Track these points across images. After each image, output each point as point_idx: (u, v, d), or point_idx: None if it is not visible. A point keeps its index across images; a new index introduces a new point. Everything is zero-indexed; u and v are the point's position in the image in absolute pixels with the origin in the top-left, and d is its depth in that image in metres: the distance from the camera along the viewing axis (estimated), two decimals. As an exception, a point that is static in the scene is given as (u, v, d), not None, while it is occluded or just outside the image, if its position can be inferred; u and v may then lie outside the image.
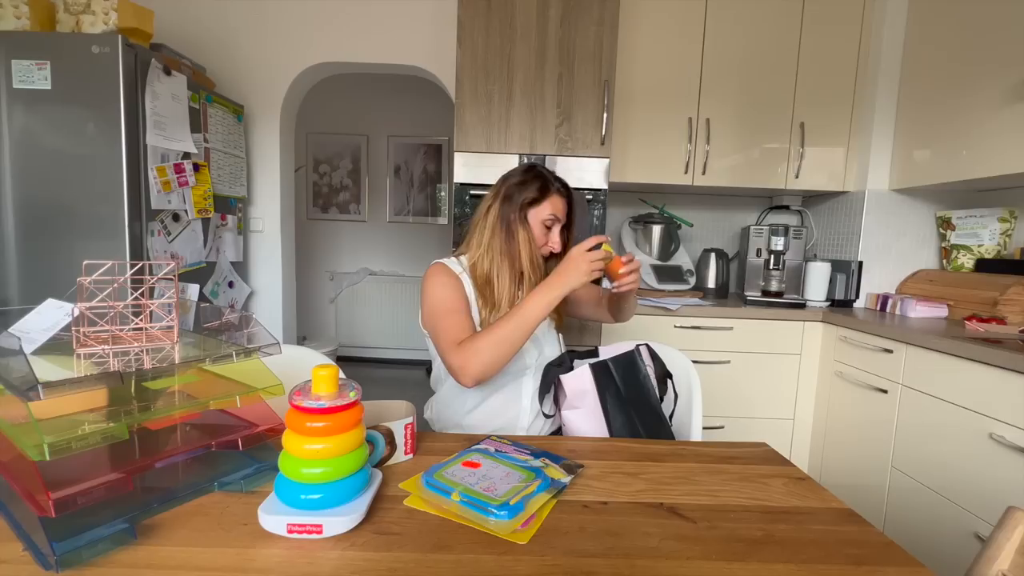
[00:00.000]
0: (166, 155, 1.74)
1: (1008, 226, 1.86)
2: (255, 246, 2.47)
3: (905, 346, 1.57)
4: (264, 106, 2.40)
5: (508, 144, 1.89)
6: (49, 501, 0.51)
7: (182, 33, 2.26)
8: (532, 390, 1.10)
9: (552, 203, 1.11)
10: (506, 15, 1.84)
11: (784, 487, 0.74)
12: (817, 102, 2.12)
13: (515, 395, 1.10)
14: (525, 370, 1.12)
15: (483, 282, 1.10)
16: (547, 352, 1.14)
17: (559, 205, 1.12)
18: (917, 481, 1.51)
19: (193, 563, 0.53)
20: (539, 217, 1.10)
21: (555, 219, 1.11)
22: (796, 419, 2.01)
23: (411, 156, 4.08)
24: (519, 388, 1.10)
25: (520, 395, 1.10)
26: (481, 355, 0.95)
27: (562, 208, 1.13)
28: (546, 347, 1.15)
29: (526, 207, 1.10)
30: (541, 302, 0.96)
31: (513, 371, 1.10)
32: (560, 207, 1.12)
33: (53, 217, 1.59)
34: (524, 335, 0.97)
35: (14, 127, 1.55)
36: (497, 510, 0.59)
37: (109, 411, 0.60)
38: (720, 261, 2.31)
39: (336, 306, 4.14)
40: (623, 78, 2.06)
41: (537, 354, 1.13)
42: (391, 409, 0.85)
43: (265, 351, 0.73)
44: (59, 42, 1.55)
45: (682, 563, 0.56)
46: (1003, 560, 0.59)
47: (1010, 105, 1.58)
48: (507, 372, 1.08)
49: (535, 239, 1.10)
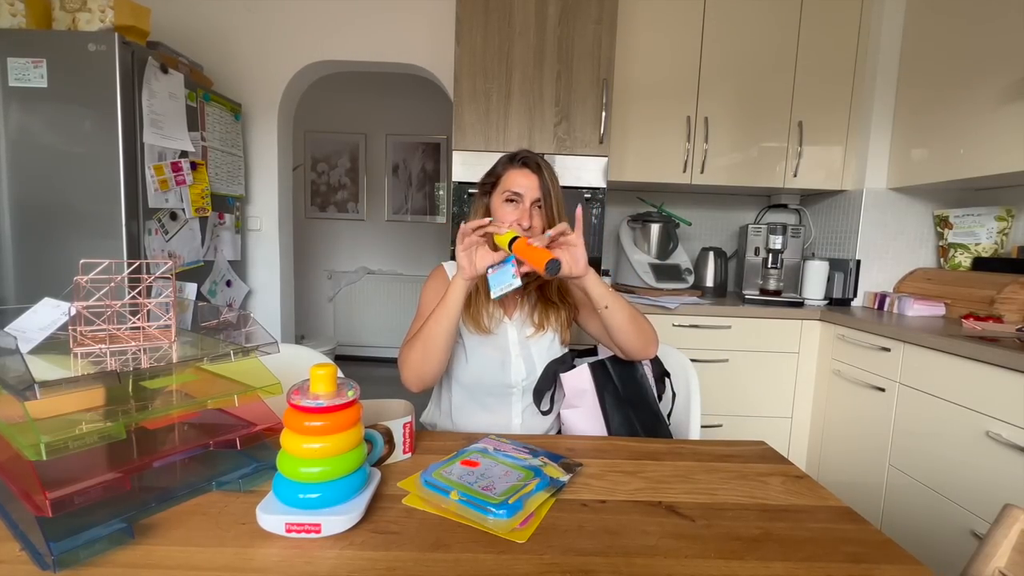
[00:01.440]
0: (163, 153, 1.74)
1: (1005, 225, 1.87)
2: (253, 245, 2.47)
3: (903, 344, 1.57)
4: (262, 104, 2.40)
5: (507, 142, 1.89)
6: (46, 501, 0.51)
7: (179, 31, 2.26)
8: (521, 410, 1.06)
9: (510, 177, 1.01)
10: (504, 13, 1.84)
11: (782, 485, 0.75)
12: (815, 101, 2.12)
13: (505, 420, 1.06)
14: (510, 390, 1.05)
15: None
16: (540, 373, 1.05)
17: (519, 179, 1.00)
18: (914, 479, 1.51)
19: (191, 563, 0.52)
20: (500, 197, 1.01)
21: (516, 195, 1.00)
22: (794, 418, 2.01)
23: (409, 155, 4.08)
24: (508, 410, 1.06)
25: (510, 416, 1.06)
26: (410, 355, 0.94)
27: (525, 182, 0.99)
28: (540, 368, 1.05)
29: (489, 192, 1.05)
30: (452, 291, 0.91)
31: (498, 392, 1.05)
32: (521, 181, 1.00)
33: (50, 216, 1.58)
34: (444, 328, 0.91)
35: (10, 126, 1.54)
36: (496, 509, 0.59)
37: (106, 410, 0.60)
38: (718, 260, 2.32)
39: (334, 305, 4.13)
40: (622, 77, 2.06)
41: (526, 374, 1.05)
42: (389, 408, 0.85)
43: (263, 350, 0.72)
44: (55, 40, 1.54)
45: (680, 561, 0.56)
46: (1000, 558, 0.59)
47: (1007, 104, 1.58)
48: (492, 393, 1.05)
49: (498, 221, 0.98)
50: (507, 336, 1.07)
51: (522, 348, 1.06)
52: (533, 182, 1.00)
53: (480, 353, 1.05)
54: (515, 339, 1.07)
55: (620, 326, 0.97)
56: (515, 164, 1.02)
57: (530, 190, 1.00)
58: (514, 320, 1.08)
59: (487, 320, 1.05)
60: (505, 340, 1.06)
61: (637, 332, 0.99)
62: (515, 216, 1.00)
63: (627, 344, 0.99)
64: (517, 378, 1.05)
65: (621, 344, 1.00)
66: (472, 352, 1.05)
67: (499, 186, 1.03)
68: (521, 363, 1.05)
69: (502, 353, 1.05)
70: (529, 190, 1.00)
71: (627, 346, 0.99)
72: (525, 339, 1.07)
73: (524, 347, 1.07)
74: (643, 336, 0.99)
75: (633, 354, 1.01)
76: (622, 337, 0.98)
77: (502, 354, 1.05)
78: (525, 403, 1.06)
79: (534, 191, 1.00)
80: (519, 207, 1.00)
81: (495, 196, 1.04)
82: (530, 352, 1.06)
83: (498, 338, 1.06)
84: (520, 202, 1.00)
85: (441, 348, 0.94)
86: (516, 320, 1.08)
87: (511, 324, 1.08)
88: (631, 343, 0.99)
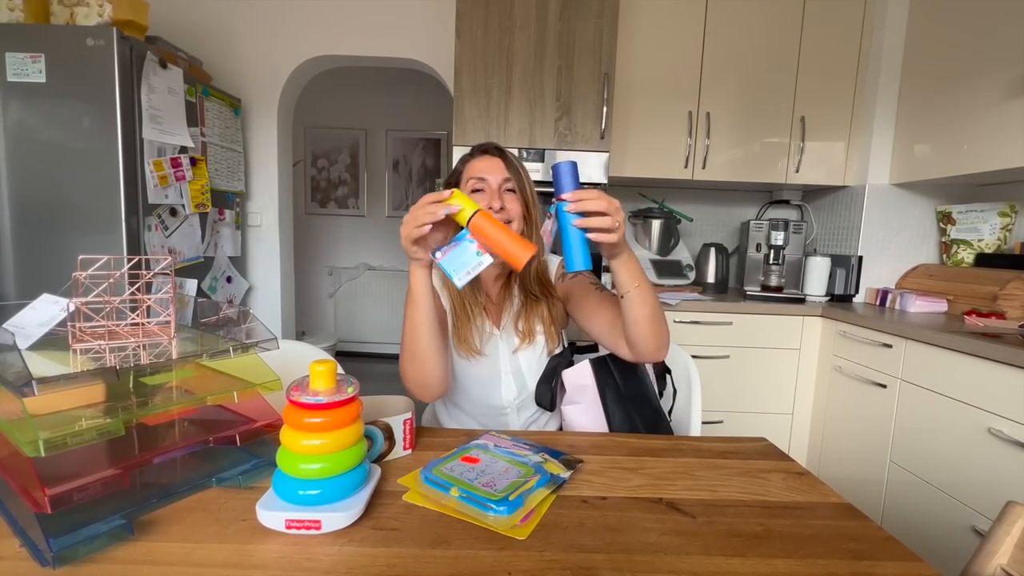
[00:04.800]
0: (163, 149, 1.73)
1: (1008, 221, 1.86)
2: (253, 241, 2.47)
3: (904, 341, 1.57)
4: (262, 100, 2.39)
5: (507, 138, 1.88)
6: (45, 497, 0.51)
7: (178, 25, 2.25)
8: (518, 427, 1.03)
9: (470, 167, 0.97)
10: (505, 7, 1.83)
11: (783, 482, 0.74)
12: (817, 96, 2.11)
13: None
14: (504, 411, 1.02)
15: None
16: (532, 388, 1.01)
17: (479, 164, 0.96)
18: (916, 475, 1.51)
19: (191, 559, 0.52)
20: (466, 189, 0.97)
21: (481, 180, 0.95)
22: (795, 414, 2.01)
23: (410, 150, 4.07)
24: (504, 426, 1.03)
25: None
26: (405, 367, 0.88)
27: (486, 166, 0.96)
28: (531, 383, 1.01)
29: (458, 184, 1.00)
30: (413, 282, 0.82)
31: (492, 413, 1.02)
32: (482, 166, 0.96)
33: (49, 212, 1.58)
34: (421, 325, 0.84)
35: (9, 121, 1.54)
36: (496, 505, 0.59)
37: (106, 407, 0.60)
38: (720, 256, 2.31)
39: (335, 301, 4.13)
40: (623, 71, 2.04)
41: (517, 392, 1.01)
42: (390, 404, 0.85)
43: (263, 346, 0.72)
44: (53, 35, 1.53)
45: (681, 558, 0.56)
46: (1002, 555, 0.59)
47: (1011, 99, 1.57)
48: (487, 414, 1.03)
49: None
50: (497, 352, 1.01)
51: (511, 364, 1.01)
52: (496, 165, 0.96)
53: (468, 375, 1.00)
54: (505, 354, 1.01)
55: (643, 319, 0.83)
56: (474, 155, 0.99)
57: (493, 172, 0.95)
58: (503, 329, 1.02)
59: (478, 339, 0.98)
60: (495, 358, 1.01)
61: (656, 329, 0.85)
62: (484, 202, 0.93)
63: (641, 342, 0.85)
64: (508, 397, 1.01)
65: (635, 341, 0.86)
66: (460, 374, 1.01)
67: (462, 181, 0.98)
68: (512, 381, 1.01)
69: (491, 373, 1.00)
70: (492, 172, 0.95)
71: (641, 344, 0.86)
72: (512, 353, 1.01)
73: (513, 362, 1.01)
74: (660, 335, 0.86)
75: (644, 354, 0.88)
76: (638, 331, 0.84)
77: (491, 374, 1.00)
78: (523, 419, 1.04)
79: (499, 172, 0.95)
80: (486, 193, 0.94)
81: (464, 186, 0.98)
82: (520, 367, 1.01)
83: (487, 357, 1.00)
84: (486, 187, 0.95)
85: (427, 348, 0.85)
86: (504, 328, 1.02)
87: (501, 336, 1.02)
88: (646, 342, 0.85)
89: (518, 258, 0.72)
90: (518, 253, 0.72)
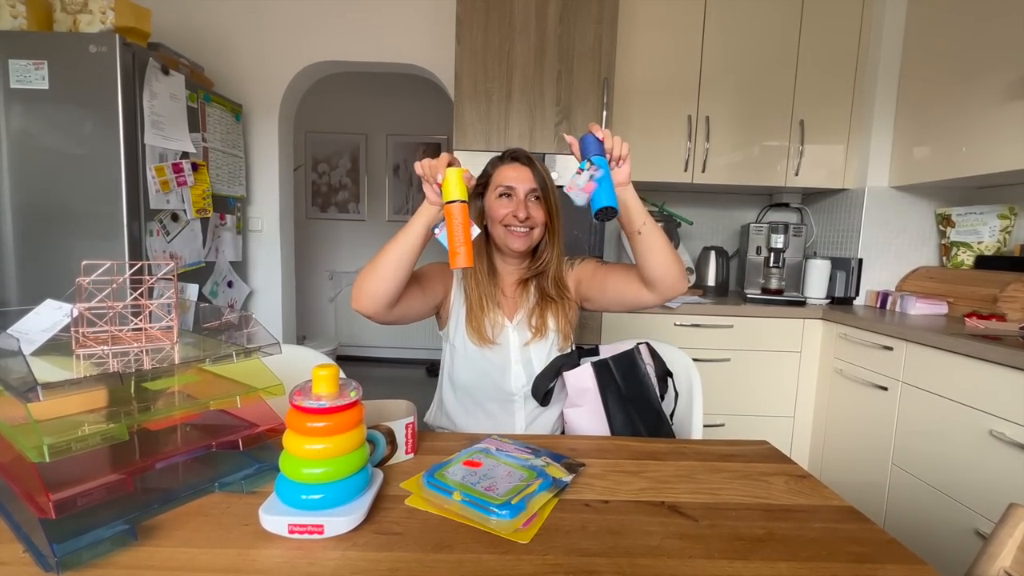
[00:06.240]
0: (164, 155, 1.74)
1: (1008, 223, 1.86)
2: (254, 246, 2.47)
3: (905, 343, 1.57)
4: (263, 105, 2.40)
5: (508, 142, 1.88)
6: (49, 502, 0.51)
7: (180, 32, 2.26)
8: (524, 416, 1.05)
9: (500, 173, 1.03)
10: (505, 12, 1.84)
11: (785, 485, 0.74)
12: (817, 99, 2.12)
13: (508, 425, 1.05)
14: (512, 397, 1.04)
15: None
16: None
17: (509, 173, 1.02)
18: (917, 478, 1.51)
19: (194, 564, 0.52)
20: (493, 194, 1.03)
21: (509, 188, 1.01)
22: (796, 417, 2.01)
23: (410, 155, 4.08)
24: (511, 417, 1.05)
25: (513, 423, 1.05)
26: (362, 272, 0.91)
27: (516, 175, 1.01)
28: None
29: (482, 194, 1.06)
30: (418, 213, 0.89)
31: (500, 399, 1.05)
32: (512, 174, 1.01)
33: (51, 217, 1.58)
34: (400, 247, 0.88)
35: (12, 127, 1.55)
36: (498, 509, 0.59)
37: (109, 412, 0.60)
38: (720, 259, 2.31)
39: (336, 305, 4.13)
40: (622, 76, 2.05)
41: (526, 381, 1.04)
42: (392, 408, 0.85)
43: (265, 351, 0.72)
44: (56, 42, 1.54)
45: (684, 562, 0.56)
46: (1005, 557, 0.58)
47: (1010, 102, 1.58)
48: (494, 399, 1.05)
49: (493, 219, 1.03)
50: (508, 343, 1.05)
51: (522, 354, 1.05)
52: (525, 174, 1.01)
53: (479, 359, 1.04)
54: (516, 345, 1.05)
55: (659, 248, 0.90)
56: (505, 161, 1.04)
57: (522, 182, 1.01)
58: (515, 323, 1.06)
59: (490, 329, 1.03)
60: (506, 347, 1.05)
61: (673, 258, 0.91)
62: (510, 209, 1.00)
63: (663, 271, 0.91)
64: (517, 385, 1.04)
65: (656, 272, 0.92)
66: (471, 358, 1.04)
67: (491, 184, 1.04)
68: (521, 370, 1.04)
69: (502, 360, 1.04)
70: (521, 182, 1.01)
71: (663, 273, 0.91)
72: (524, 346, 1.05)
73: (524, 353, 1.05)
74: (677, 264, 0.92)
75: (667, 287, 0.93)
76: (658, 260, 0.91)
77: (502, 361, 1.04)
78: (529, 408, 1.05)
79: (528, 182, 1.01)
80: (513, 200, 1.01)
81: (488, 195, 1.05)
82: (530, 358, 1.05)
83: (499, 345, 1.04)
84: (513, 195, 1.01)
85: (392, 266, 0.88)
86: (517, 323, 1.06)
87: (512, 328, 1.06)
88: (667, 270, 0.91)
89: (452, 260, 0.80)
90: (456, 256, 0.79)
